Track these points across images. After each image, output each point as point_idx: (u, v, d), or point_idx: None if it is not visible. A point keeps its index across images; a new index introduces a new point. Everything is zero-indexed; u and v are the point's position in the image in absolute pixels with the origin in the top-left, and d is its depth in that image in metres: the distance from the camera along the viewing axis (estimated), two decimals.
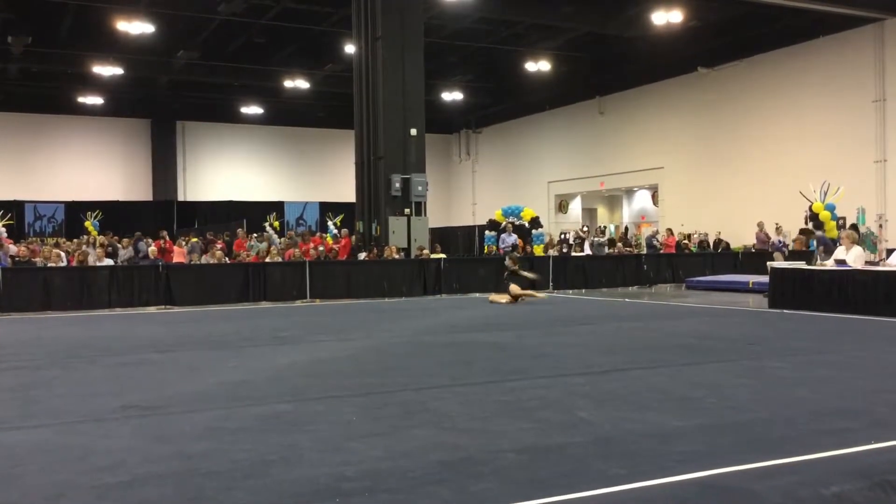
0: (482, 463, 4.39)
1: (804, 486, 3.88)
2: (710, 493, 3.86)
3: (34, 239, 27.14)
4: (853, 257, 12.91)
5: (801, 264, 14.53)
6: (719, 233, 25.65)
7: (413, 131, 20.56)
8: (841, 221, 18.72)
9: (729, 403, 5.88)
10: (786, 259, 14.28)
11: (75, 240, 24.36)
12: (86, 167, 35.89)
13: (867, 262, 13.11)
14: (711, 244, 25.15)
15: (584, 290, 18.88)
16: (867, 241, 19.02)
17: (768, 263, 14.97)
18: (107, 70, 28.21)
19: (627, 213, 36.67)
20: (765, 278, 14.72)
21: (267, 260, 18.68)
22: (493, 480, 4.07)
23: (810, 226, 17.56)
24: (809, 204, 17.23)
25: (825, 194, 16.68)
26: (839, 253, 13.35)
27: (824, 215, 16.51)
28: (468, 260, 22.17)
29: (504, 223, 22.45)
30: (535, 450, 4.65)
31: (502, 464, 4.37)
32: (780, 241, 17.33)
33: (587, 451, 4.61)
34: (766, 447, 4.59)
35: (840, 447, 4.57)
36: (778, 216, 23.65)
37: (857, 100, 23.40)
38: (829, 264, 13.37)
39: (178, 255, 20.23)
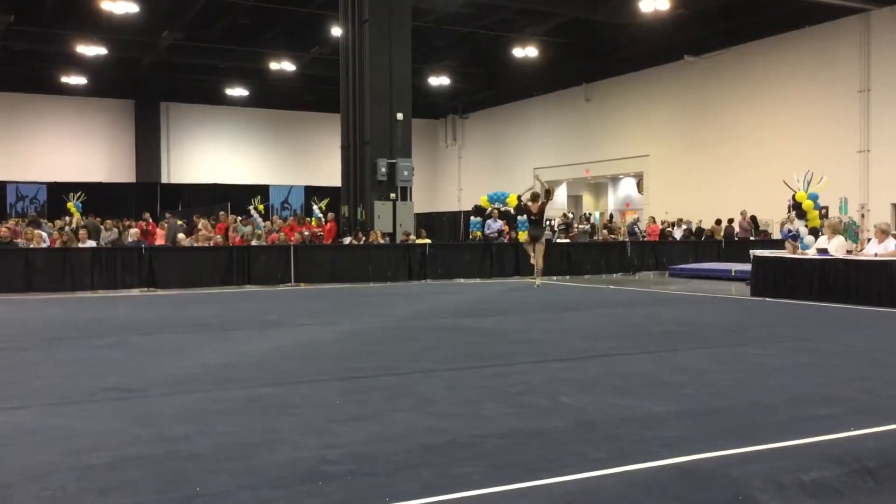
0: (465, 447, 4.40)
1: (784, 472, 3.91)
2: (691, 478, 3.88)
3: (17, 219, 26.89)
4: (835, 246, 13.00)
5: (785, 253, 14.61)
6: (700, 221, 25.75)
7: (399, 116, 20.49)
8: (824, 211, 18.81)
9: (710, 389, 5.92)
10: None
11: (57, 221, 24.14)
12: (68, 148, 35.57)
13: (848, 252, 13.20)
14: (694, 230, 25.26)
15: (568, 277, 18.93)
16: (849, 230, 19.17)
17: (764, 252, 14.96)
18: (90, 50, 27.92)
19: (612, 201, 36.78)
20: (747, 266, 14.80)
21: (253, 243, 18.60)
22: (476, 464, 4.08)
23: (793, 215, 17.64)
24: (793, 193, 17.29)
25: (808, 183, 16.71)
26: (821, 242, 13.43)
27: (807, 204, 16.56)
28: (453, 245, 22.16)
29: (490, 209, 22.42)
30: (519, 434, 4.66)
31: (485, 448, 4.38)
32: (788, 231, 17.31)
33: (570, 436, 4.63)
34: (746, 433, 4.63)
35: (820, 434, 4.61)
36: (761, 205, 23.80)
37: (841, 90, 23.52)
38: (811, 253, 13.46)
39: (161, 237, 20.11)
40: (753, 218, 24.21)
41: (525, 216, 16.39)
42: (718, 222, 24.46)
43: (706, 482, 3.83)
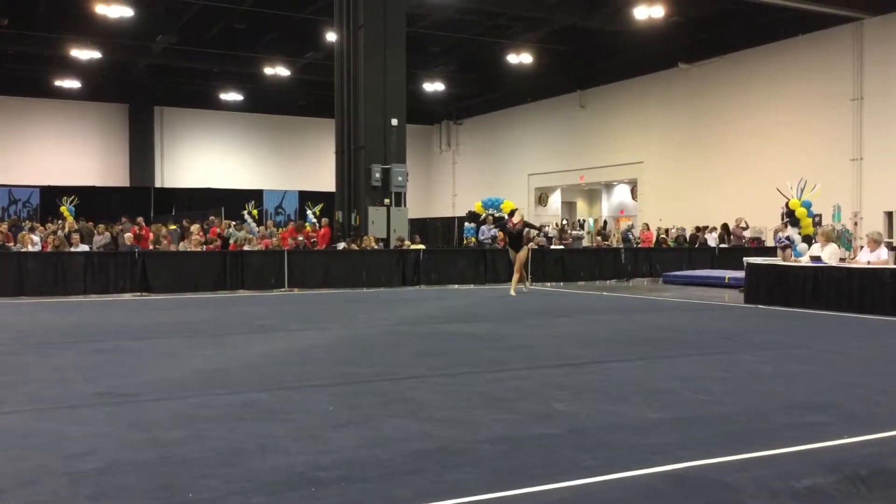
0: (458, 453, 4.40)
1: (777, 479, 3.92)
2: (684, 485, 3.89)
3: (8, 222, 26.78)
4: (828, 254, 13.05)
5: (778, 260, 14.66)
6: (697, 228, 25.79)
7: (394, 121, 20.49)
8: (817, 218, 18.89)
9: (703, 396, 5.93)
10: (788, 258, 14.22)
11: (49, 224, 24.08)
12: (62, 152, 35.47)
13: (841, 259, 13.25)
14: (688, 238, 25.29)
15: (562, 283, 18.95)
16: (842, 238, 19.22)
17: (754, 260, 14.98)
18: (84, 54, 27.87)
19: (606, 207, 36.83)
20: (741, 273, 14.83)
21: (245, 248, 18.57)
22: (469, 470, 4.08)
23: (786, 222, 17.71)
24: (786, 200, 17.39)
25: (802, 191, 16.80)
26: (815, 250, 13.48)
27: (801, 212, 16.63)
28: (447, 251, 22.16)
29: (484, 215, 22.45)
30: (512, 440, 4.66)
31: (479, 454, 4.38)
32: (781, 238, 17.32)
33: (563, 443, 4.63)
34: (739, 440, 4.64)
35: (812, 441, 4.62)
36: (755, 212, 23.85)
37: (835, 98, 23.62)
38: (805, 261, 13.50)
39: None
40: (725, 226, 24.40)
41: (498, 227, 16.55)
42: (698, 230, 24.75)
43: (699, 489, 3.84)
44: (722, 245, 22.65)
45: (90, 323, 11.10)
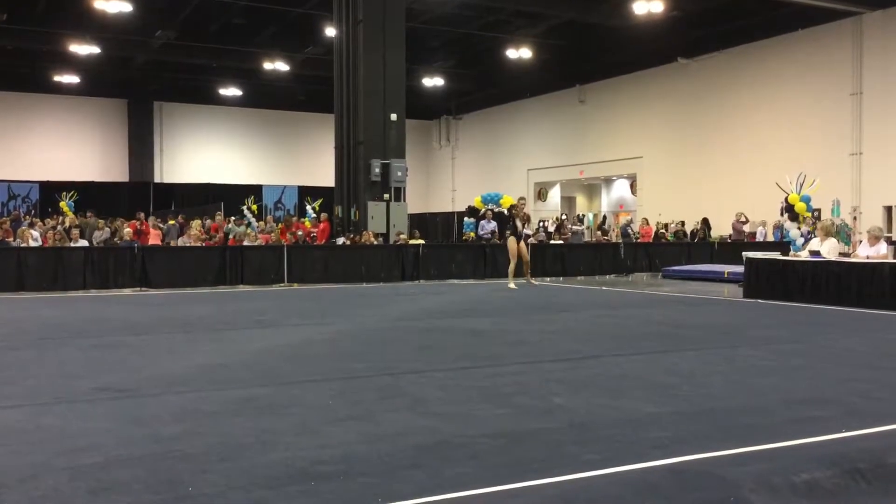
0: (458, 447, 4.41)
1: (775, 473, 3.92)
2: (683, 479, 3.89)
3: (6, 218, 26.76)
4: (827, 249, 13.06)
5: (777, 254, 14.67)
6: (697, 223, 25.82)
7: (393, 116, 20.49)
8: (816, 213, 18.89)
9: (703, 391, 5.94)
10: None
11: (48, 220, 24.08)
12: (61, 147, 35.45)
13: (841, 254, 13.27)
14: (689, 234, 25.32)
15: (561, 278, 18.96)
16: (842, 233, 19.25)
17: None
18: (83, 49, 27.84)
19: (606, 202, 36.84)
20: (740, 268, 14.85)
21: (245, 243, 18.56)
22: (468, 465, 4.08)
23: (785, 217, 17.70)
24: (785, 195, 17.38)
25: (801, 186, 16.79)
26: (814, 244, 13.49)
27: (800, 207, 16.62)
28: (447, 246, 22.18)
29: (483, 210, 22.45)
30: (511, 435, 4.67)
31: (478, 448, 4.39)
32: (809, 233, 17.26)
33: (562, 437, 4.64)
34: (738, 434, 4.64)
35: (811, 435, 4.62)
36: (754, 207, 23.86)
37: (834, 93, 23.61)
38: (804, 255, 13.51)
39: (154, 237, 20.05)
40: (706, 220, 24.43)
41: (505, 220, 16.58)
42: (682, 224, 25.00)
43: (698, 483, 3.84)
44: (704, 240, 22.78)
45: (90, 318, 11.10)
